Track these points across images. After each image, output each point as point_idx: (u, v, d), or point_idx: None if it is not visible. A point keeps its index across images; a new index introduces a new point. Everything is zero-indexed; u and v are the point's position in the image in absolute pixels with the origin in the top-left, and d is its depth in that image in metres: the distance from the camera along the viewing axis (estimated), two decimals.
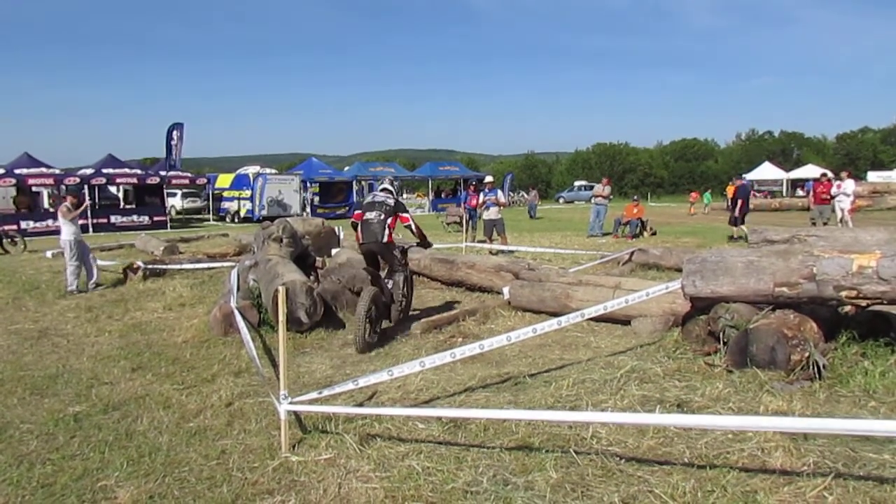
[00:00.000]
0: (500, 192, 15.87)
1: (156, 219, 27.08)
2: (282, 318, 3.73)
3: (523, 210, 34.13)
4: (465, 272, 9.21)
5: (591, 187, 41.20)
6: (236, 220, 30.68)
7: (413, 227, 6.97)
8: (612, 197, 21.69)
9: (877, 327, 5.21)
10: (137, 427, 4.26)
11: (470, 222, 16.77)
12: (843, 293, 4.77)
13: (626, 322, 6.57)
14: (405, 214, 6.88)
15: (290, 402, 3.83)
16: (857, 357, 4.81)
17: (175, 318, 7.79)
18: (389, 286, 6.85)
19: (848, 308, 5.34)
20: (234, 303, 6.80)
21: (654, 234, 19.26)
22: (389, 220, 6.66)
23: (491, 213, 15.01)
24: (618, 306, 5.60)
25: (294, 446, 3.79)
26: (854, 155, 67.48)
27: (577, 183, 60.00)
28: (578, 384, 4.70)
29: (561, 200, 54.44)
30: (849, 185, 18.14)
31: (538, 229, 22.36)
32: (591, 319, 5.82)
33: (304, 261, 9.12)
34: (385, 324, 6.69)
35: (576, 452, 3.50)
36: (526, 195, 32.19)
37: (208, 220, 32.23)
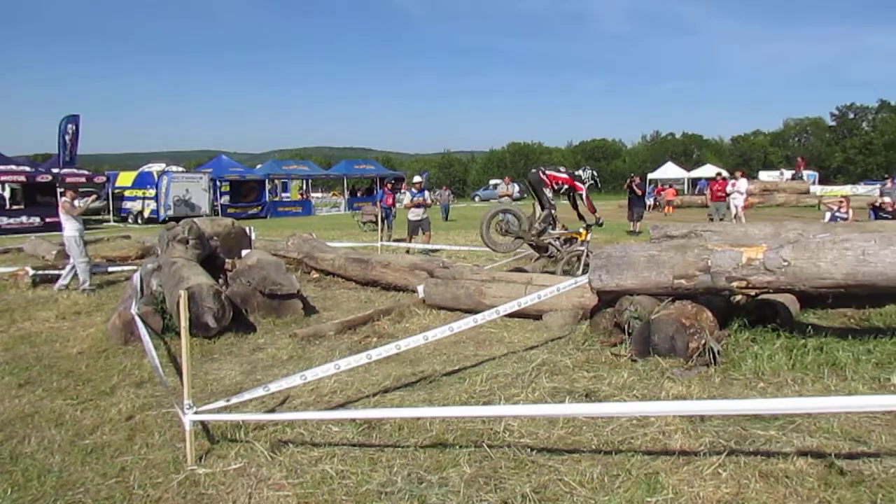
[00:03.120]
0: (427, 192, 15.76)
1: (48, 220, 25.27)
2: (184, 323, 3.58)
3: (436, 209, 34.16)
4: (380, 271, 9.17)
5: (498, 185, 41.97)
6: (139, 220, 29.20)
7: None
8: (523, 195, 22.10)
9: (765, 314, 5.59)
10: (24, 448, 3.93)
11: (385, 221, 16.71)
12: (735, 284, 5.09)
13: (537, 317, 6.73)
14: None
15: (196, 412, 3.68)
16: (747, 342, 5.14)
17: (69, 327, 7.33)
18: None
19: (739, 297, 5.69)
20: (136, 309, 6.48)
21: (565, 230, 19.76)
22: None
23: (417, 214, 14.86)
24: (531, 302, 5.75)
25: (201, 458, 3.65)
26: (747, 156, 71.89)
27: (492, 182, 60.94)
28: (492, 379, 4.78)
29: (477, 199, 55.17)
30: (742, 183, 19.32)
31: (454, 228, 22.53)
32: (505, 315, 5.92)
33: (212, 263, 8.81)
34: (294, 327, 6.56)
35: (489, 446, 3.55)
36: (439, 194, 31.69)
37: (108, 221, 30.50)
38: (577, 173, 10.01)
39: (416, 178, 16.43)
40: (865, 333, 5.28)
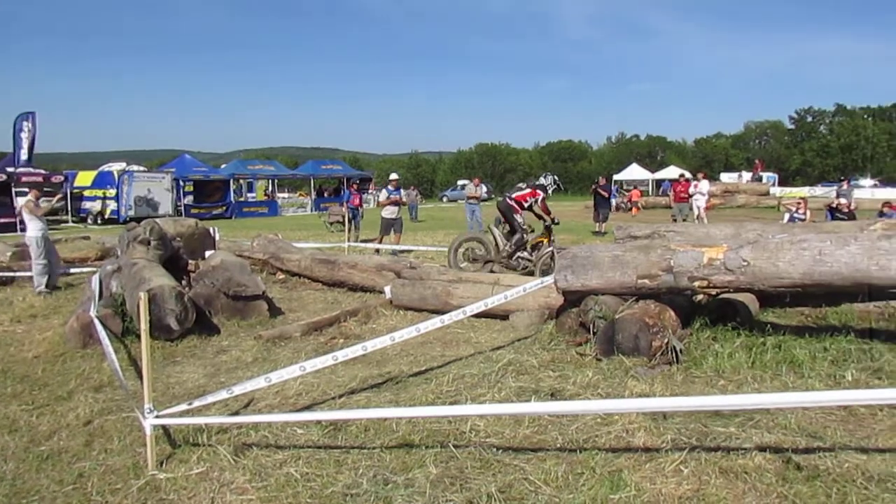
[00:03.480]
0: (402, 191, 15.65)
1: (2, 220, 24.52)
2: (144, 325, 3.51)
3: (405, 209, 34.02)
4: (347, 272, 9.11)
5: (466, 185, 42.12)
6: (99, 221, 28.52)
7: None
8: (492, 195, 22.15)
9: (725, 313, 5.71)
10: None
11: (352, 222, 16.62)
12: (696, 283, 5.18)
13: (504, 317, 6.76)
14: None
15: (157, 416, 3.60)
16: (709, 341, 5.24)
17: (25, 331, 7.12)
18: None
19: (701, 296, 5.79)
20: (95, 311, 6.33)
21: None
22: None
23: (392, 212, 14.71)
24: (497, 302, 5.77)
25: (162, 463, 3.57)
26: (710, 157, 73.33)
27: (460, 182, 61.08)
28: (458, 379, 4.78)
29: (445, 199, 55.24)
30: (704, 185, 19.72)
31: (422, 228, 22.52)
32: (472, 315, 5.94)
33: (175, 264, 8.64)
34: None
35: (455, 447, 3.56)
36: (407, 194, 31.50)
37: (67, 221, 29.70)
38: (538, 182, 10.39)
39: (393, 176, 15.97)
40: (822, 332, 5.42)
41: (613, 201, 33.78)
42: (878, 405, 3.83)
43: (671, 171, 46.55)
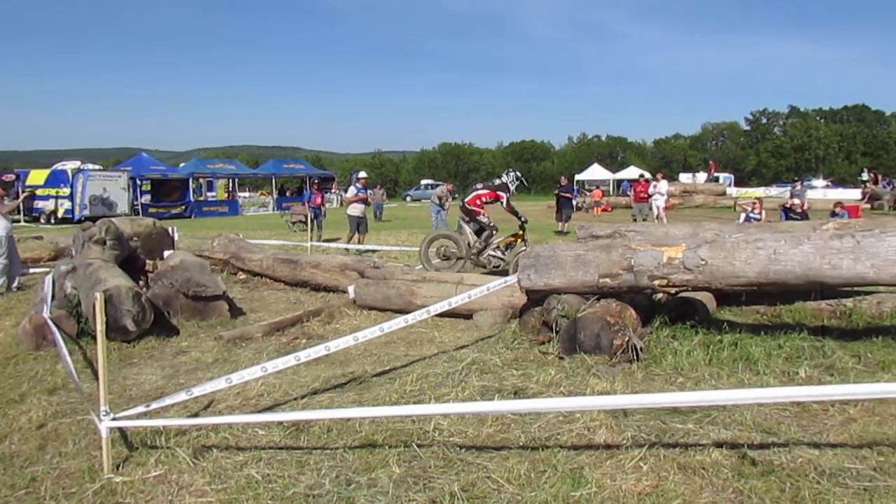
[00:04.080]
0: (368, 190, 15.37)
1: None
2: (100, 326, 3.42)
3: (369, 209, 33.85)
4: (310, 272, 9.03)
5: (438, 186, 42.14)
6: (52, 220, 27.72)
7: None
8: (457, 195, 22.16)
9: (684, 312, 5.83)
10: None
11: (315, 221, 16.47)
12: (656, 282, 5.28)
13: (468, 316, 6.78)
14: None
15: (113, 419, 3.52)
16: (668, 339, 5.35)
17: None
18: None
19: (661, 295, 5.91)
20: (48, 312, 6.15)
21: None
22: None
23: (358, 210, 14.53)
24: (461, 302, 5.79)
25: (118, 466, 3.49)
26: (669, 158, 74.75)
27: (423, 181, 61.08)
28: (422, 379, 4.78)
29: (408, 199, 55.14)
30: (663, 185, 20.11)
31: (385, 228, 22.45)
32: (436, 315, 5.94)
33: (132, 265, 8.45)
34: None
35: (418, 446, 3.55)
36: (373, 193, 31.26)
37: (19, 221, 28.75)
38: (498, 182, 10.40)
39: (362, 174, 15.89)
40: (776, 329, 5.58)
41: (574, 202, 34.27)
42: (829, 401, 3.95)
43: (632, 172, 47.25)
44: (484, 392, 4.45)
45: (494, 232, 10.20)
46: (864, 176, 37.24)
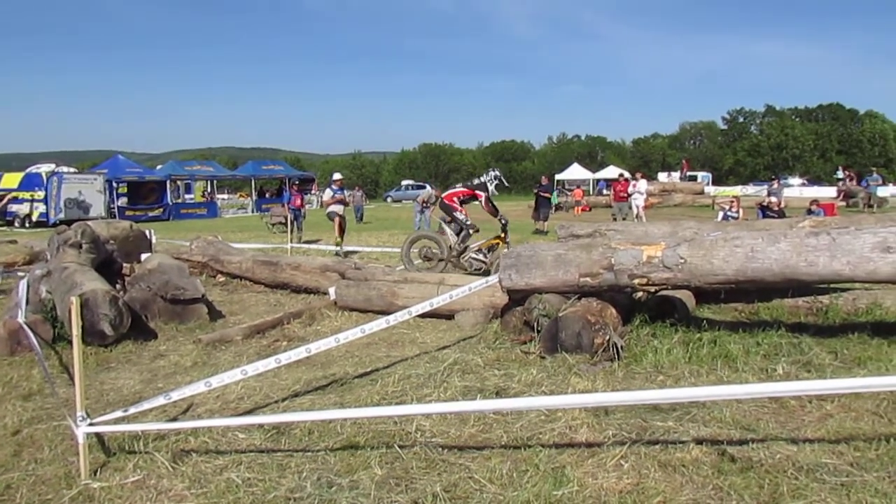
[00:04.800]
0: (346, 191, 15.21)
1: None
2: (76, 330, 3.37)
3: (349, 210, 33.69)
4: (290, 273, 8.97)
5: (420, 186, 42.16)
6: (27, 224, 27.27)
7: None
8: (439, 195, 22.12)
9: (664, 310, 5.88)
10: None
11: (295, 223, 16.38)
12: (636, 281, 5.31)
13: (450, 316, 6.78)
14: None
15: (90, 424, 3.46)
16: (648, 337, 5.38)
17: None
18: None
19: (640, 294, 5.95)
20: (23, 317, 6.04)
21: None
22: None
23: (338, 210, 14.38)
24: (443, 302, 5.78)
25: (95, 472, 3.43)
26: (647, 157, 75.46)
27: (404, 182, 61.01)
28: (404, 380, 4.77)
29: (389, 199, 55.05)
30: (642, 184, 20.29)
31: (366, 229, 22.38)
32: (418, 315, 5.93)
33: (108, 268, 8.34)
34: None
35: (400, 447, 3.54)
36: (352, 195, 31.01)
37: None
38: (476, 181, 10.43)
39: (337, 175, 15.72)
40: (754, 327, 5.65)
41: (555, 201, 34.45)
42: (806, 397, 4.00)
43: (611, 171, 47.60)
44: (466, 392, 4.45)
45: (471, 232, 10.16)
46: (840, 174, 37.80)
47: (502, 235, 10.17)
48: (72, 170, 32.25)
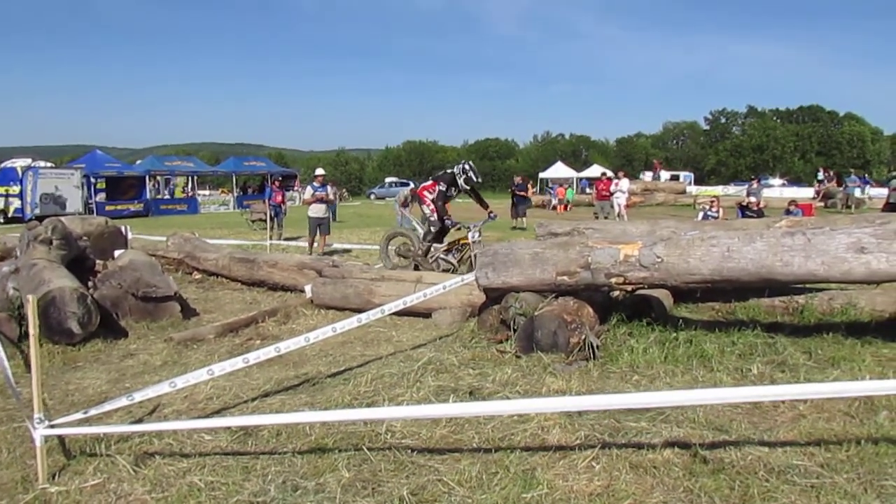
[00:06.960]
0: (329, 187, 14.53)
1: None
2: (34, 330, 3.26)
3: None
4: (267, 271, 8.85)
5: (403, 183, 41.99)
6: (2, 220, 26.78)
7: None
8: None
9: (641, 309, 5.85)
10: None
11: (275, 219, 16.22)
12: (613, 279, 5.28)
13: (427, 315, 6.72)
14: None
15: (49, 426, 3.36)
16: (624, 336, 5.35)
17: None
18: None
19: (617, 293, 5.92)
20: None
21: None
22: None
23: (319, 211, 13.44)
24: (418, 300, 5.72)
25: (54, 475, 3.32)
26: (631, 157, 75.80)
27: (388, 179, 60.85)
28: (377, 380, 4.70)
29: (373, 197, 54.85)
30: (624, 183, 20.40)
31: (348, 226, 22.25)
32: (394, 314, 5.86)
33: (81, 265, 8.16)
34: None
35: (369, 449, 3.47)
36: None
37: None
38: (441, 173, 10.27)
39: (319, 171, 14.57)
40: (730, 326, 5.64)
41: (534, 199, 34.49)
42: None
43: (595, 170, 47.68)
44: (439, 392, 4.39)
45: (433, 229, 9.94)
46: (820, 175, 38.20)
47: (466, 237, 9.81)
48: (48, 165, 31.71)
